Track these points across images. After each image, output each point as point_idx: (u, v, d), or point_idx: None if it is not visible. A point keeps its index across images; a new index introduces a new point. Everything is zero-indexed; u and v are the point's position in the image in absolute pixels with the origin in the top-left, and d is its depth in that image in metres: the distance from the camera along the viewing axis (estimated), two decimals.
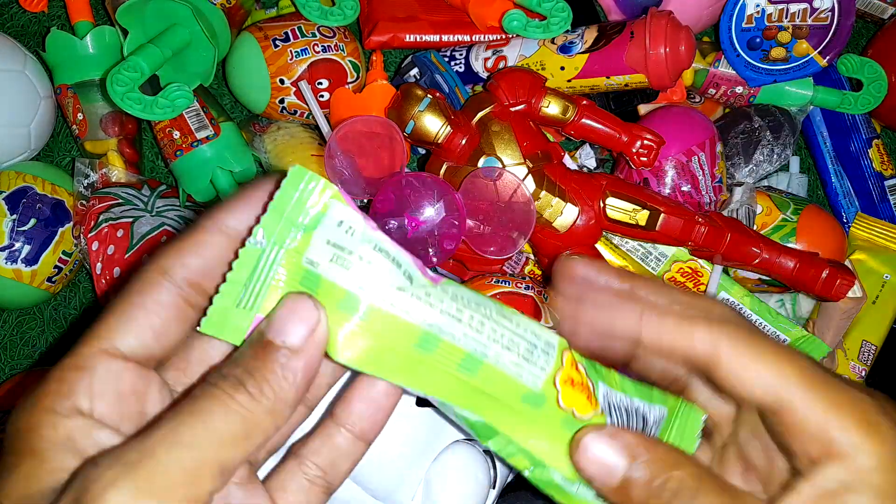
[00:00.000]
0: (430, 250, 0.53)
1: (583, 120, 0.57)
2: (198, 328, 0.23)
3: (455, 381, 0.24)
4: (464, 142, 0.54)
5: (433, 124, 0.54)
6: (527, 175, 0.55)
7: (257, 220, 0.23)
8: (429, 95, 0.54)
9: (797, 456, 0.25)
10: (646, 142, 0.57)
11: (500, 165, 0.55)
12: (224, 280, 0.23)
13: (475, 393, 0.25)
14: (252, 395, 0.21)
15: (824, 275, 0.55)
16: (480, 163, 0.55)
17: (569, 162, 0.62)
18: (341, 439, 0.27)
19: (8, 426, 0.22)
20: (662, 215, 0.54)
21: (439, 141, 0.54)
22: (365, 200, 0.57)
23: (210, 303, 0.23)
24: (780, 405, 0.25)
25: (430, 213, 0.52)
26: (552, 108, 0.56)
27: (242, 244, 0.23)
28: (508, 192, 0.53)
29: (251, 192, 0.24)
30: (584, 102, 0.57)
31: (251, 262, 0.23)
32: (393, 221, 0.52)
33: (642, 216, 0.54)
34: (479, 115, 0.56)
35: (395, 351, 0.23)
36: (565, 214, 0.55)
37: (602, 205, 0.55)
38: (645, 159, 0.57)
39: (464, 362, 0.24)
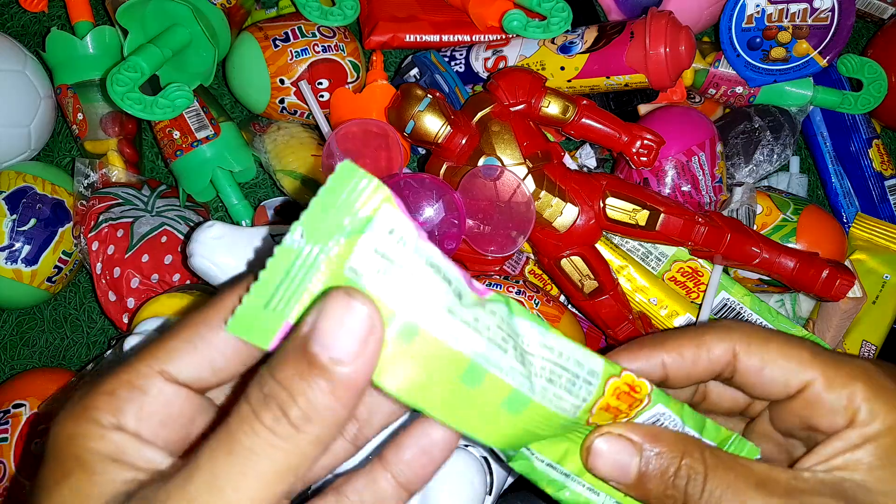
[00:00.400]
0: None
1: (583, 120, 0.57)
2: (224, 326, 0.22)
3: (497, 421, 0.23)
4: (464, 142, 0.54)
5: (433, 124, 0.54)
6: (527, 175, 0.55)
7: (297, 217, 0.20)
8: (429, 95, 0.54)
9: (823, 431, 0.27)
10: (646, 142, 0.57)
11: (500, 165, 0.55)
12: (256, 279, 0.20)
13: (515, 430, 0.24)
14: (297, 427, 0.19)
15: (824, 275, 0.55)
16: (480, 163, 0.55)
17: (569, 162, 0.62)
18: (386, 484, 0.25)
19: (52, 434, 0.22)
20: (662, 215, 0.54)
21: (439, 141, 0.54)
22: None
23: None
24: (802, 390, 0.27)
25: (430, 213, 0.52)
26: (552, 107, 0.56)
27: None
28: (508, 191, 0.53)
29: None
30: (584, 102, 0.57)
31: (286, 263, 0.20)
32: None
33: (642, 216, 0.54)
34: (479, 115, 0.56)
35: (441, 382, 0.21)
36: (565, 214, 0.55)
37: (602, 205, 0.55)
38: (645, 159, 0.57)
39: (510, 399, 0.23)
